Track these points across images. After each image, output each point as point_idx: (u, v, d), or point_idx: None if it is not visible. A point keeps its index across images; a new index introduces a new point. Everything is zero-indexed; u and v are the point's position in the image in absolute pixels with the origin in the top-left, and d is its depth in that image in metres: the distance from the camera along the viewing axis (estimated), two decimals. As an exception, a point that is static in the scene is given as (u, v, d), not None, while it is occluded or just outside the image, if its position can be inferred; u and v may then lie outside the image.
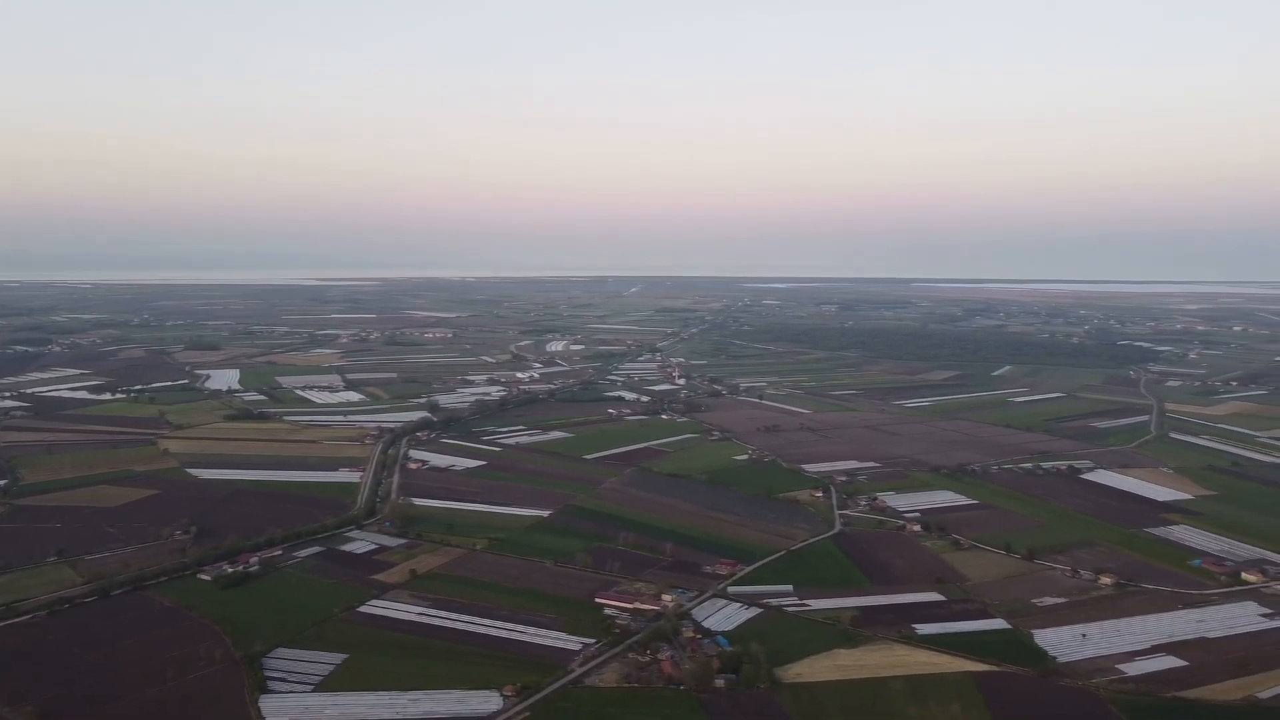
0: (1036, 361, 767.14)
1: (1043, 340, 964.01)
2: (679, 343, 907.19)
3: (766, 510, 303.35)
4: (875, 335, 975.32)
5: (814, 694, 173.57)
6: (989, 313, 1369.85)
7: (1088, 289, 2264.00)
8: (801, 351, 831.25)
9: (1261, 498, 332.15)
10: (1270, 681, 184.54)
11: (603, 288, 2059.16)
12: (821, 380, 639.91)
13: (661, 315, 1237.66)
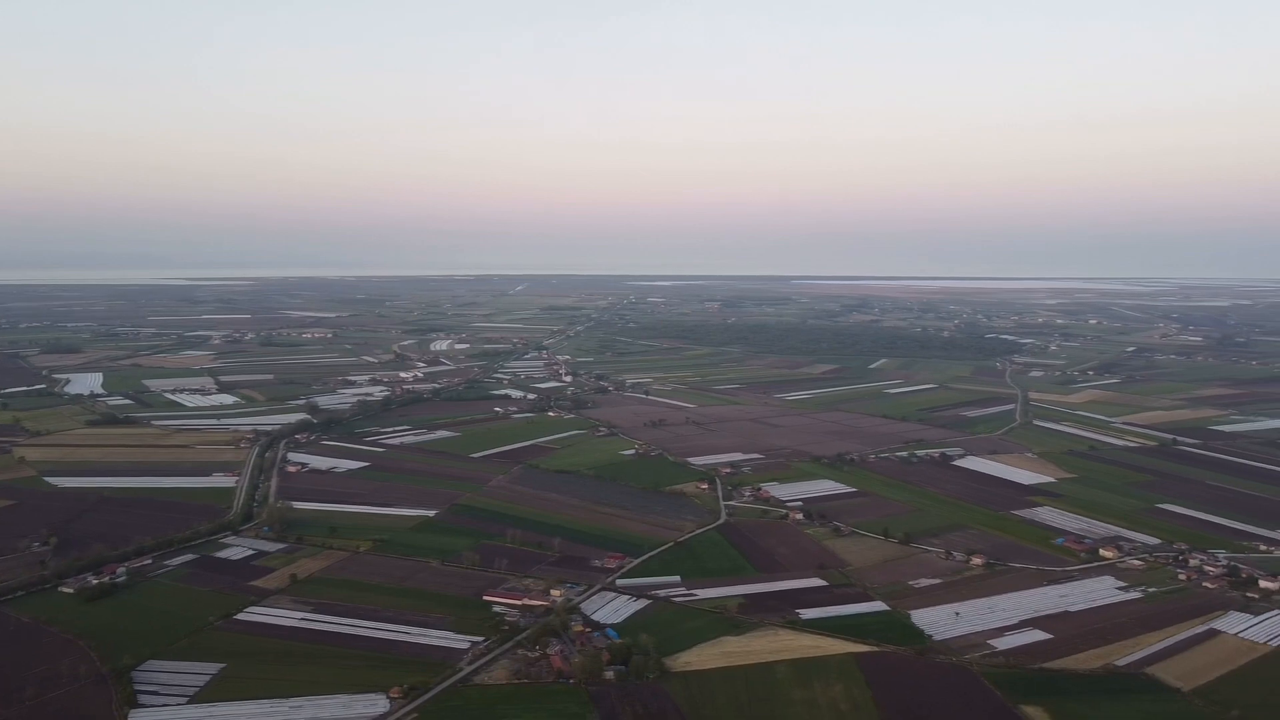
0: (910, 354, 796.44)
1: (916, 334, 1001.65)
2: (565, 340, 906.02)
3: (654, 503, 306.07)
4: (757, 331, 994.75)
5: (702, 681, 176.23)
6: (865, 308, 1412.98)
7: (957, 285, 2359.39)
8: (686, 347, 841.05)
9: (1116, 479, 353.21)
10: (1126, 649, 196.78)
11: (488, 286, 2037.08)
12: (706, 375, 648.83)
13: (547, 313, 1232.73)
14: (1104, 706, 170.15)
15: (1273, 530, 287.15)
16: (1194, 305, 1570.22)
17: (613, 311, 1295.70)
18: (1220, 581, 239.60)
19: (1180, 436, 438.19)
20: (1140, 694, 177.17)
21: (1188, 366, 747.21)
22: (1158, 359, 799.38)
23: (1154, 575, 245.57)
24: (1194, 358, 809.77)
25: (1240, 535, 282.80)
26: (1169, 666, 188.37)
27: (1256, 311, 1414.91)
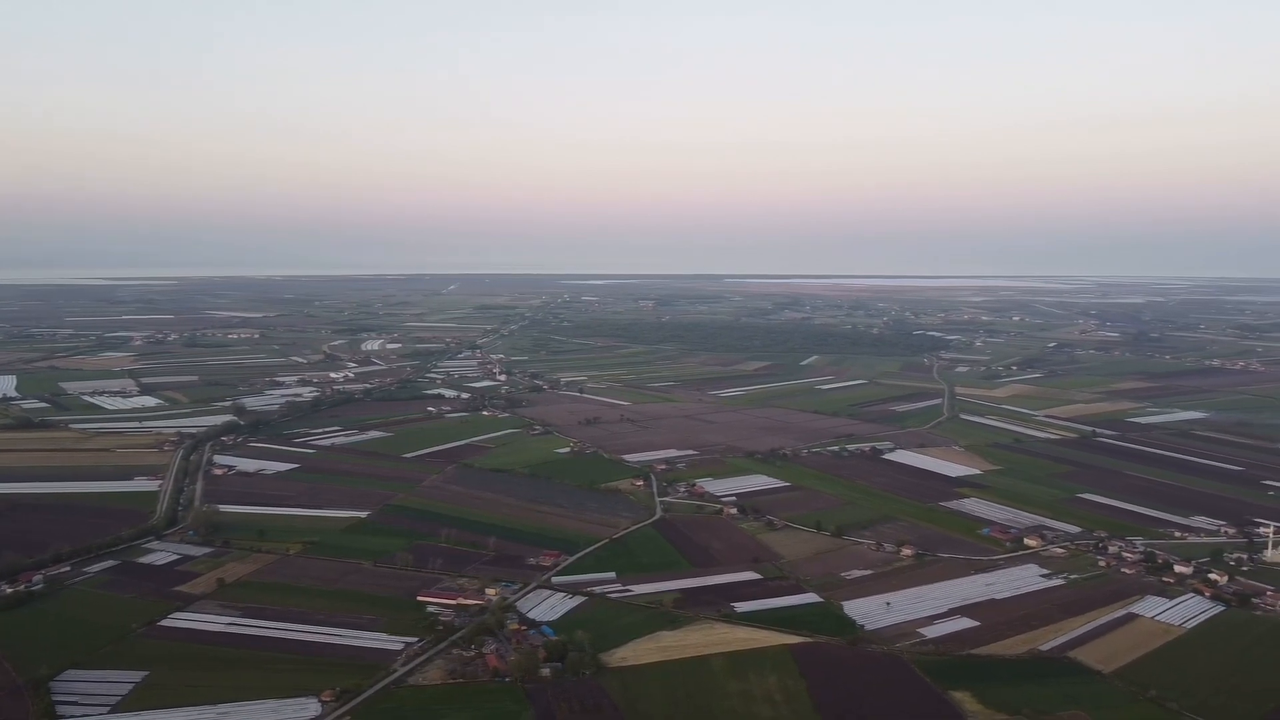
0: (841, 351, 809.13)
1: (846, 331, 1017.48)
2: (499, 339, 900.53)
3: (589, 501, 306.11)
4: (691, 329, 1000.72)
5: (639, 676, 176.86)
6: (796, 306, 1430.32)
7: (885, 283, 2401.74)
8: (621, 346, 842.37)
9: (1039, 470, 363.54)
10: (1049, 634, 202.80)
11: (419, 285, 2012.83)
12: (641, 373, 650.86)
13: (481, 312, 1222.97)
14: (1029, 690, 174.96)
15: (1186, 517, 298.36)
16: (1111, 302, 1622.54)
17: (547, 310, 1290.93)
18: (1137, 567, 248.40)
19: (1099, 428, 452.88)
20: (1063, 677, 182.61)
21: (1105, 361, 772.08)
22: (1077, 354, 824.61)
23: (1075, 562, 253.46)
24: (1111, 353, 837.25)
25: (1156, 522, 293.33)
26: (1090, 650, 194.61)
27: (1169, 308, 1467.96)
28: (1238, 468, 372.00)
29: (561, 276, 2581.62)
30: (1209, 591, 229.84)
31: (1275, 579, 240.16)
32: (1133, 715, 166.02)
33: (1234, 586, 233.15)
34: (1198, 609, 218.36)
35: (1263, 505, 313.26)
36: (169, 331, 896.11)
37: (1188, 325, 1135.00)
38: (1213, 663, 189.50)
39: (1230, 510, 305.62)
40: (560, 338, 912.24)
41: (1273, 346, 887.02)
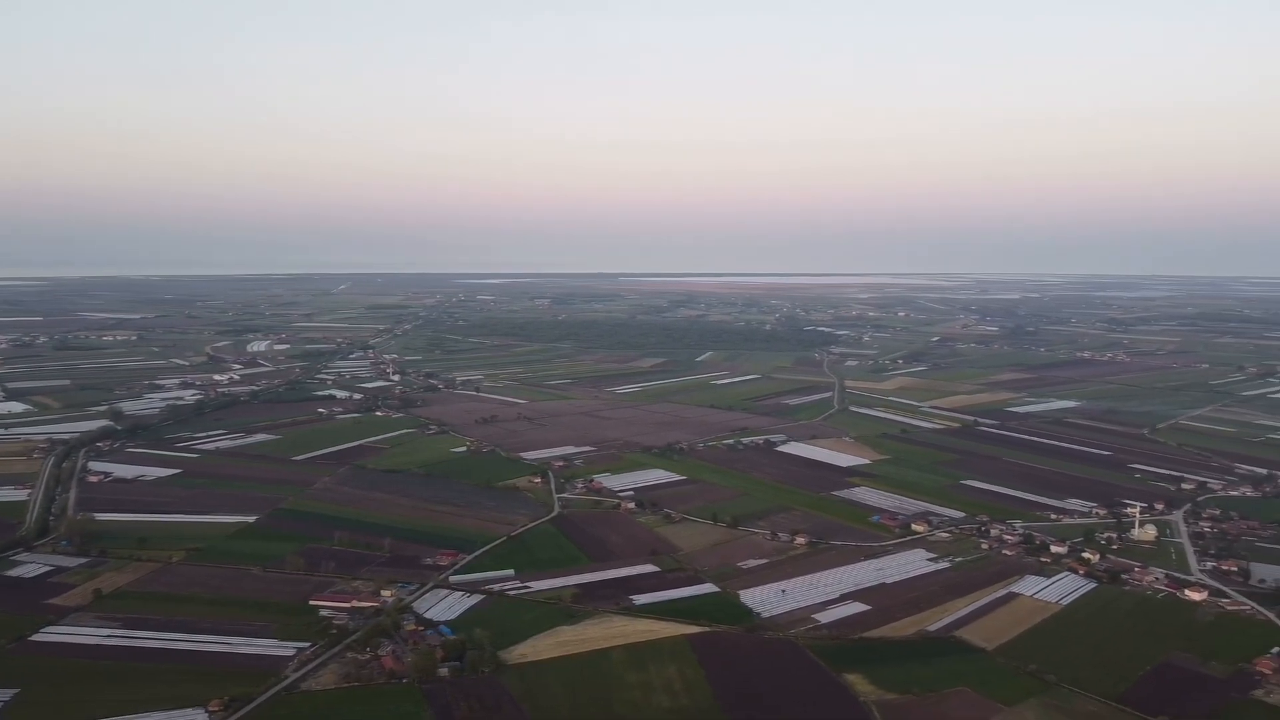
0: (734, 347, 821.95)
1: (739, 328, 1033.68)
2: (392, 339, 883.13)
3: (487, 499, 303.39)
4: (587, 327, 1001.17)
5: (538, 672, 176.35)
6: (691, 304, 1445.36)
7: (777, 281, 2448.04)
8: (517, 344, 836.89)
9: (925, 459, 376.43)
10: (937, 615, 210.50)
11: (308, 285, 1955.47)
12: (538, 371, 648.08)
13: (373, 312, 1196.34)
14: (918, 669, 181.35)
15: (1061, 500, 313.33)
16: (990, 299, 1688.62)
17: (441, 309, 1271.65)
18: (1017, 549, 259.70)
19: (980, 418, 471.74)
20: (950, 655, 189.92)
21: (985, 354, 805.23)
22: (959, 348, 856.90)
23: (960, 546, 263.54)
24: (991, 346, 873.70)
25: (1033, 506, 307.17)
26: (975, 629, 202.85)
27: (1043, 303, 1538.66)
28: (1107, 453, 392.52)
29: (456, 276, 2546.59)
30: (1083, 570, 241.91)
31: (1142, 556, 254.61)
32: (1014, 689, 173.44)
33: (1105, 564, 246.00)
34: (1073, 586, 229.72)
35: (1130, 487, 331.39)
36: (37, 334, 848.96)
37: (1060, 320, 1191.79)
38: (1087, 636, 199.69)
39: (1101, 493, 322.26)
40: (455, 337, 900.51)
41: (1138, 339, 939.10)
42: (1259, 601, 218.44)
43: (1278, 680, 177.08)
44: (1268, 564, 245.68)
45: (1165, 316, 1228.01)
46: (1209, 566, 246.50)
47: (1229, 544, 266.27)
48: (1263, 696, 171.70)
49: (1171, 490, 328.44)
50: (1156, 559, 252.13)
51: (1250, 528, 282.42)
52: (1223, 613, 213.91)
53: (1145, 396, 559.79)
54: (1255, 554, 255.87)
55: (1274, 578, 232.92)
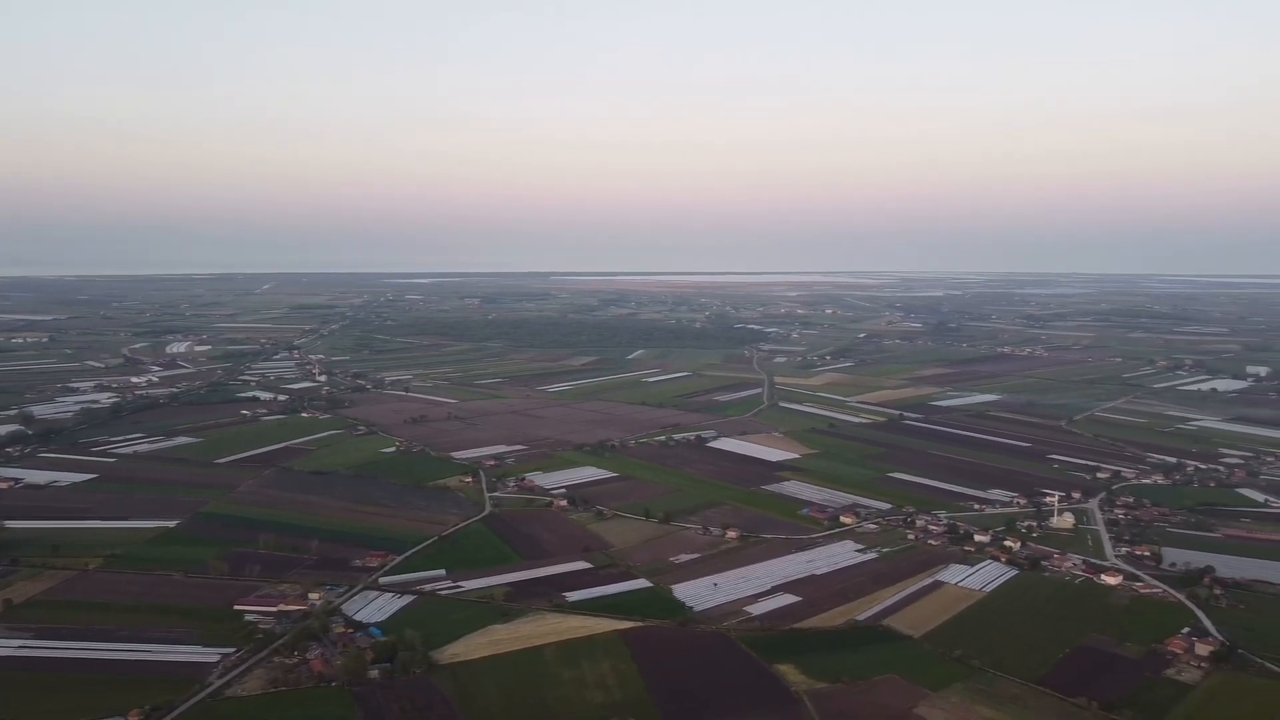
0: (665, 345, 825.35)
1: (670, 326, 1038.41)
2: (319, 339, 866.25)
3: (417, 499, 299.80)
4: (518, 326, 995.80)
5: (471, 671, 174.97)
6: (622, 302, 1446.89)
7: (707, 279, 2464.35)
8: (447, 344, 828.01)
9: (852, 452, 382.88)
10: (865, 605, 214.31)
11: (230, 285, 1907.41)
12: (468, 370, 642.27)
13: (298, 312, 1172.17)
14: (847, 658, 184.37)
15: (983, 490, 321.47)
16: (914, 296, 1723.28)
17: (369, 309, 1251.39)
18: (942, 538, 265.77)
19: (906, 412, 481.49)
20: (879, 643, 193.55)
21: (910, 350, 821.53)
22: (885, 344, 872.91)
23: (887, 537, 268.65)
24: (915, 342, 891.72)
25: (957, 496, 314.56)
26: (902, 617, 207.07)
27: (965, 300, 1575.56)
28: (1027, 444, 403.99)
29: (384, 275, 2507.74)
30: (1005, 557, 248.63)
31: (1060, 543, 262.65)
32: (941, 674, 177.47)
33: (1026, 552, 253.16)
34: (995, 574, 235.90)
35: (1049, 477, 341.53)
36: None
37: (981, 316, 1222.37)
38: (1009, 621, 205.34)
39: (1021, 483, 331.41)
40: (384, 337, 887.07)
41: (1055, 335, 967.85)
42: (1170, 584, 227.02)
43: (1188, 659, 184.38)
44: (1178, 548, 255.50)
45: (1080, 313, 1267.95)
46: (1124, 552, 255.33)
47: (1142, 530, 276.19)
48: (1174, 675, 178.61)
49: (1088, 479, 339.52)
50: (1074, 546, 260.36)
51: (1162, 514, 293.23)
52: (1137, 596, 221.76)
53: (1062, 390, 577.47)
54: (1166, 539, 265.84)
55: (1184, 561, 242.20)
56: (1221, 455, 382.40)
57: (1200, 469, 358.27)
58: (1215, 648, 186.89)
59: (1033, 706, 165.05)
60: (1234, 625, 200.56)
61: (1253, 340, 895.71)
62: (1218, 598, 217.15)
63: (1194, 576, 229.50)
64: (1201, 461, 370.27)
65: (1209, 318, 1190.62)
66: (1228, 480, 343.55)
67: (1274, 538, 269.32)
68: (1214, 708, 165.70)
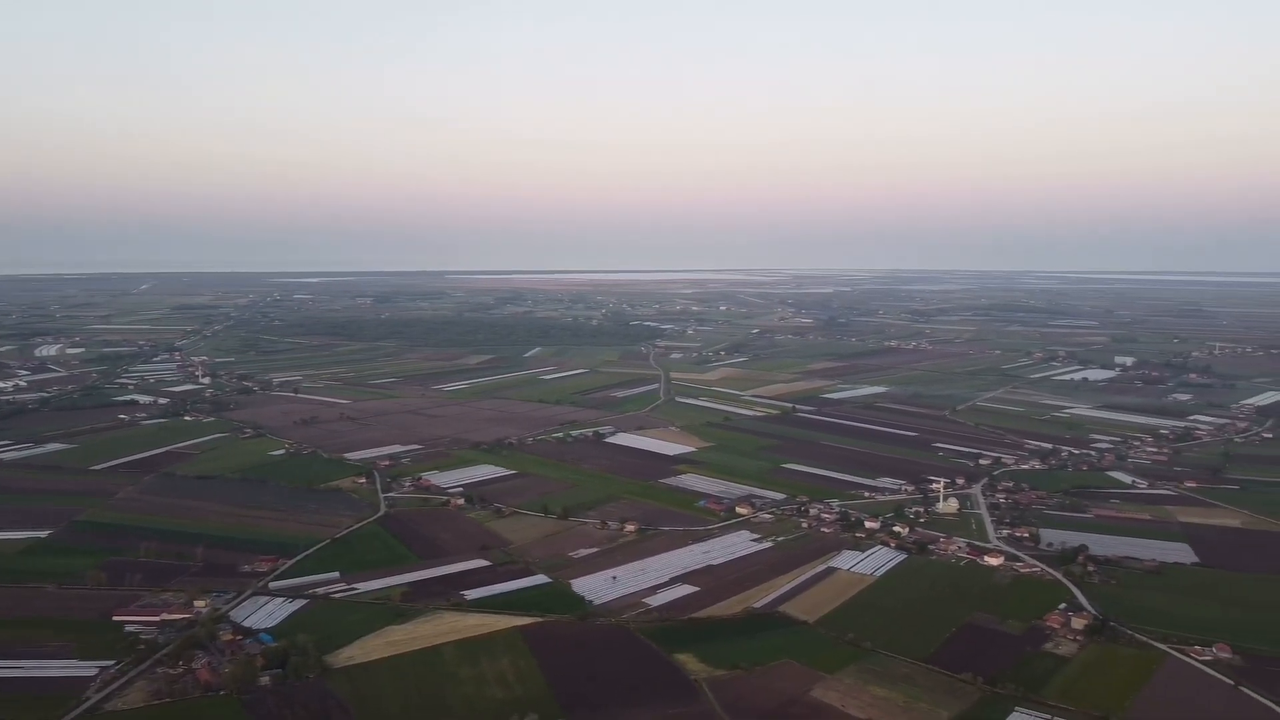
0: (562, 342, 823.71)
1: (567, 323, 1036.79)
2: (202, 340, 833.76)
3: (308, 502, 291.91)
4: (412, 325, 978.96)
5: (367, 673, 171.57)
6: (518, 301, 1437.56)
7: (603, 277, 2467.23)
8: (339, 344, 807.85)
9: (747, 445, 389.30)
10: (762, 593, 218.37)
11: (104, 285, 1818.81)
12: (361, 370, 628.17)
13: (179, 313, 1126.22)
14: (745, 645, 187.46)
15: (873, 479, 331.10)
16: (805, 292, 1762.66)
17: (255, 309, 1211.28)
18: (834, 526, 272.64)
19: (798, 405, 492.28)
20: (775, 630, 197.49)
21: (802, 345, 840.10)
22: (778, 339, 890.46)
23: (781, 526, 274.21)
24: (807, 337, 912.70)
25: (848, 485, 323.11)
26: (797, 603, 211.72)
27: (854, 297, 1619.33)
28: (913, 433, 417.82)
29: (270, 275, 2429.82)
30: (894, 543, 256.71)
31: (946, 527, 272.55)
32: (835, 657, 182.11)
33: (914, 536, 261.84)
34: (885, 559, 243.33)
35: (934, 465, 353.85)
36: None
37: (869, 311, 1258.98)
38: (899, 603, 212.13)
39: (909, 470, 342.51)
40: (271, 337, 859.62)
41: (939, 329, 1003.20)
42: (1048, 563, 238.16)
43: (1065, 633, 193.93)
44: (1055, 529, 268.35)
45: (962, 308, 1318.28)
46: (1004, 534, 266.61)
47: (1021, 513, 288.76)
48: (1052, 649, 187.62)
49: (971, 466, 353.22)
50: (959, 529, 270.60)
51: (1039, 497, 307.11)
52: (1017, 575, 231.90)
53: (946, 381, 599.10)
54: (1044, 521, 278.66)
55: (1060, 541, 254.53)
56: (1093, 441, 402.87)
57: (1074, 454, 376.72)
58: (1089, 621, 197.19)
59: (922, 684, 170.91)
60: (1106, 600, 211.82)
61: (1119, 333, 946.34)
62: (1091, 574, 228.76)
63: (1069, 555, 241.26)
64: (1075, 447, 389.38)
65: (1080, 312, 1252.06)
66: (1099, 464, 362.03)
67: (1141, 517, 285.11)
68: (1088, 677, 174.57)
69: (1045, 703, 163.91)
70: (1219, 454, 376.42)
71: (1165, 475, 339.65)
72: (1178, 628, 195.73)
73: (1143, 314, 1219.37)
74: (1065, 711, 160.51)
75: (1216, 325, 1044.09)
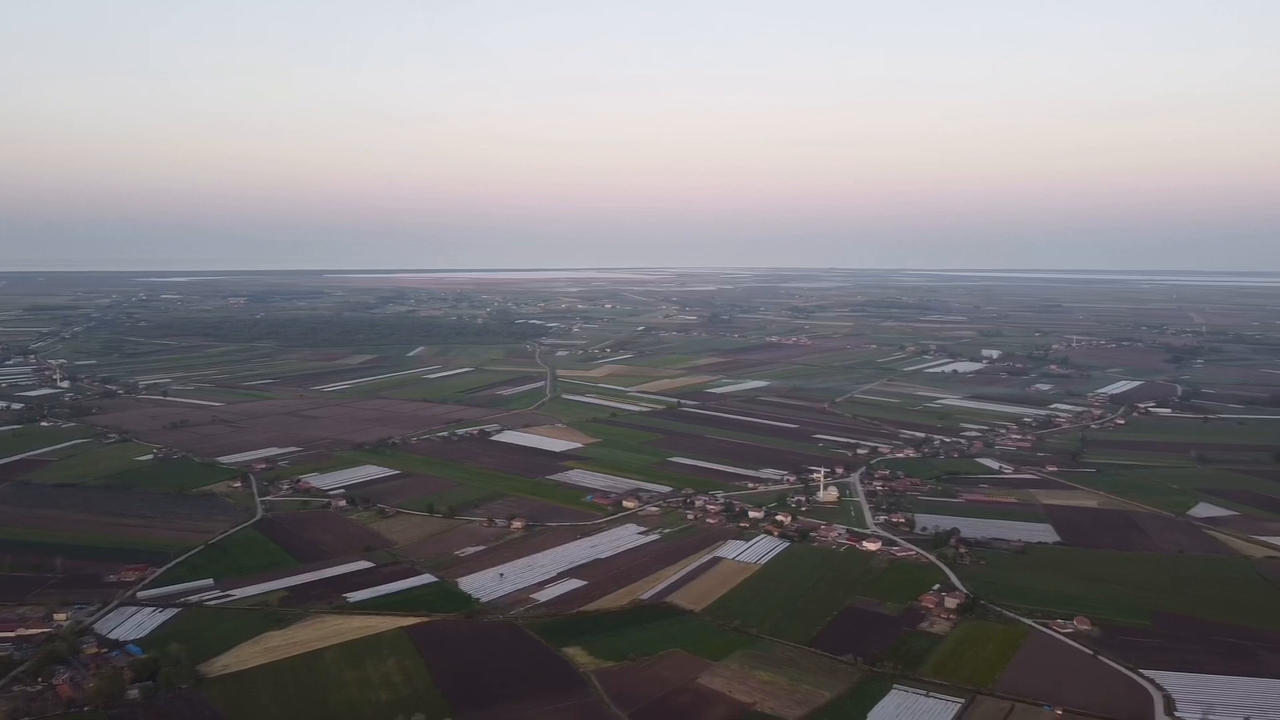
0: (447, 341, 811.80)
1: (451, 322, 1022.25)
2: (59, 342, 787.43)
3: (179, 507, 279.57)
4: (290, 325, 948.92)
5: (244, 681, 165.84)
6: (401, 300, 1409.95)
7: (487, 276, 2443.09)
8: (210, 345, 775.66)
9: (634, 440, 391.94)
10: (649, 584, 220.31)
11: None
12: (235, 372, 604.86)
13: (34, 314, 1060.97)
14: (633, 636, 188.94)
15: (756, 470, 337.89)
16: (689, 290, 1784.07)
17: (118, 310, 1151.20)
18: (719, 517, 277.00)
19: (683, 399, 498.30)
20: (663, 620, 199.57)
21: (686, 341, 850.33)
22: (662, 336, 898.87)
23: (668, 518, 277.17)
24: (691, 334, 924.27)
25: (733, 477, 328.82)
26: (684, 593, 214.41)
27: (737, 294, 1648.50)
28: (794, 425, 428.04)
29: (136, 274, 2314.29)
30: (777, 531, 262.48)
31: (826, 515, 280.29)
32: (721, 645, 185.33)
33: (796, 525, 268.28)
34: (769, 547, 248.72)
35: (815, 455, 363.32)
36: None
37: (752, 308, 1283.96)
38: (782, 590, 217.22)
39: (790, 461, 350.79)
40: (137, 339, 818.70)
41: (817, 324, 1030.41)
42: (922, 547, 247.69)
43: (939, 612, 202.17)
44: (929, 514, 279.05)
45: (839, 304, 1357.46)
46: (882, 520, 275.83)
47: (897, 499, 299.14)
48: (928, 628, 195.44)
49: (849, 456, 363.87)
50: (839, 517, 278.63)
51: (914, 484, 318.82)
52: (894, 559, 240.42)
53: (825, 375, 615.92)
54: (918, 506, 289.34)
55: (934, 526, 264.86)
56: (963, 429, 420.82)
57: (945, 442, 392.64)
58: (961, 601, 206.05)
59: (805, 667, 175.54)
60: (976, 580, 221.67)
61: (986, 327, 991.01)
62: (962, 556, 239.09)
63: (942, 538, 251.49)
64: (946, 435, 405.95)
65: (949, 308, 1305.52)
66: (968, 451, 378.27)
67: (1007, 500, 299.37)
68: (961, 653, 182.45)
69: (922, 679, 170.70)
70: (1077, 440, 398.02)
71: (1029, 461, 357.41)
72: (1042, 603, 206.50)
73: (1007, 309, 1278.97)
74: (940, 686, 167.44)
75: (1073, 320, 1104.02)
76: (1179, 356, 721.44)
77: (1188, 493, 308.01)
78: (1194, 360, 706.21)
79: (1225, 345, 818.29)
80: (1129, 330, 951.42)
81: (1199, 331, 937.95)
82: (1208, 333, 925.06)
